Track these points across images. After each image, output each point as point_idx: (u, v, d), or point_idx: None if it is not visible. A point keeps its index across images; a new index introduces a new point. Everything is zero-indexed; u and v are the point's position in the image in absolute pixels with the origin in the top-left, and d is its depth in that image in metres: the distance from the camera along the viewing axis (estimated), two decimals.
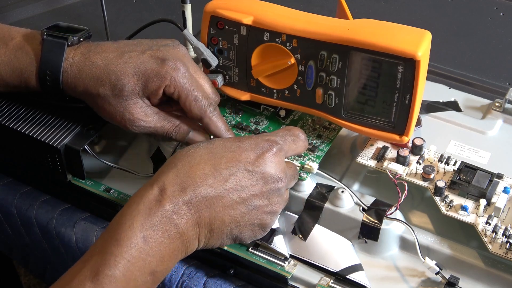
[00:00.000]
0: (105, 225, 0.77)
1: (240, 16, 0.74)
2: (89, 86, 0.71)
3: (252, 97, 0.79)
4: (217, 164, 0.64)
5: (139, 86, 0.70)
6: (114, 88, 0.70)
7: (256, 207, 0.65)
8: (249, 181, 0.64)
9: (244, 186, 0.64)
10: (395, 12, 1.05)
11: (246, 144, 0.66)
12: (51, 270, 0.90)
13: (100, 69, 0.70)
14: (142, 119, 0.71)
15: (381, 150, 0.74)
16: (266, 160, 0.65)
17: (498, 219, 0.68)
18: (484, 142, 0.79)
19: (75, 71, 0.71)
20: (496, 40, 1.00)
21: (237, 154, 0.65)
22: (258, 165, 0.65)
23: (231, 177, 0.64)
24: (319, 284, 0.68)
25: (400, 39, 0.69)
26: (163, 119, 0.72)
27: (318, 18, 0.73)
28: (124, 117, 0.71)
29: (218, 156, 0.64)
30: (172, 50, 0.72)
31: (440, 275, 0.67)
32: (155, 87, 0.70)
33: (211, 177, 0.63)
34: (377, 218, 0.70)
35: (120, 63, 0.70)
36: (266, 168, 0.65)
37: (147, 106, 0.72)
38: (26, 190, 0.82)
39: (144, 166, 0.80)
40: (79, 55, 0.71)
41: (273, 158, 0.66)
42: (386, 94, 0.71)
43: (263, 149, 0.65)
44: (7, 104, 0.77)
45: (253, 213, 0.65)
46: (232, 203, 0.64)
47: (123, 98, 0.70)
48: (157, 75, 0.70)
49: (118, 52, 0.71)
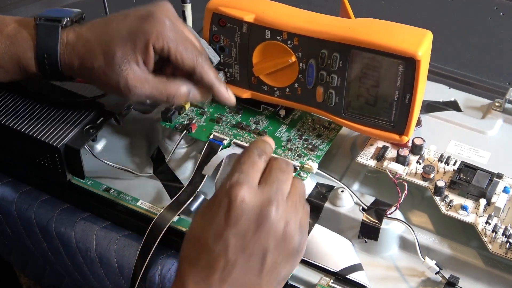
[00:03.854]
0: (105, 225, 0.77)
1: (241, 13, 0.74)
2: (83, 61, 0.70)
3: (253, 95, 0.79)
4: (208, 247, 0.58)
5: (129, 49, 0.69)
6: (106, 57, 0.69)
7: (271, 250, 0.58)
8: (243, 239, 0.57)
9: (242, 245, 0.57)
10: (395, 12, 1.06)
11: (214, 209, 0.58)
12: (50, 272, 0.89)
13: (91, 42, 0.70)
14: (137, 86, 0.70)
15: (381, 150, 0.74)
16: (238, 210, 0.57)
17: (498, 219, 0.68)
18: (484, 142, 0.79)
19: (70, 49, 0.71)
20: (496, 40, 1.00)
21: (214, 227, 0.58)
22: (235, 220, 0.57)
23: (227, 250, 0.57)
24: (319, 284, 0.68)
25: (401, 38, 0.69)
26: (160, 84, 0.71)
27: (319, 16, 0.73)
28: (120, 86, 0.70)
29: (203, 240, 0.58)
30: (156, 6, 0.71)
31: (440, 274, 0.67)
32: (143, 44, 0.69)
33: (212, 261, 0.58)
34: (377, 217, 0.70)
35: (108, 31, 0.70)
36: (245, 215, 0.57)
37: (141, 71, 0.70)
38: (25, 189, 0.82)
39: (144, 166, 0.80)
40: (72, 34, 0.71)
41: (242, 201, 0.57)
42: (386, 94, 0.71)
43: (228, 201, 0.58)
44: (7, 104, 0.77)
45: (275, 254, 0.58)
46: (244, 267, 0.58)
47: (116, 65, 0.69)
48: (143, 32, 0.69)
49: (105, 22, 0.71)
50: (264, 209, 0.58)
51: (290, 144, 0.76)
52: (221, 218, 0.58)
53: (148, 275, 0.72)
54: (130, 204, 0.75)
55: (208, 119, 0.79)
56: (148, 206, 0.75)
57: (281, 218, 0.58)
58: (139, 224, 0.74)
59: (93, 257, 0.77)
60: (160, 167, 0.78)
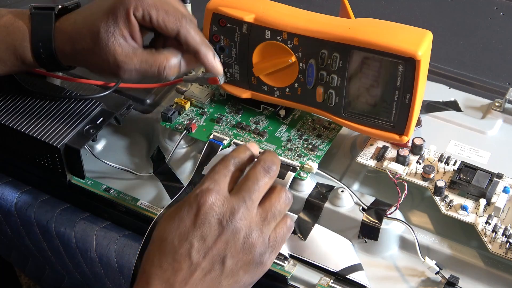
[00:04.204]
0: (105, 225, 0.77)
1: (241, 13, 0.74)
2: (75, 45, 0.70)
3: (253, 95, 0.79)
4: (173, 248, 0.60)
5: (111, 23, 0.69)
6: (92, 36, 0.69)
7: (230, 256, 0.61)
8: (205, 242, 0.60)
9: (204, 248, 0.60)
10: (395, 12, 1.05)
11: (183, 212, 0.61)
12: (50, 272, 0.90)
13: (78, 24, 0.70)
14: (126, 61, 0.70)
15: (381, 150, 0.74)
16: (204, 215, 0.60)
17: (498, 219, 0.68)
18: (484, 142, 0.79)
19: (65, 37, 0.71)
20: (496, 40, 1.00)
21: (181, 228, 0.60)
22: (201, 223, 0.60)
23: (191, 251, 0.60)
24: (319, 284, 0.68)
25: (401, 38, 0.69)
26: (149, 56, 0.71)
27: (319, 16, 0.73)
28: (110, 64, 0.70)
29: (169, 240, 0.61)
30: None
31: (440, 274, 0.67)
32: (124, 15, 0.69)
33: (176, 262, 0.60)
34: (377, 217, 0.70)
35: (92, 10, 0.70)
36: (210, 220, 0.60)
37: (128, 45, 0.70)
38: (26, 189, 0.82)
39: (144, 166, 0.80)
40: (65, 22, 0.71)
41: (210, 207, 0.60)
42: (386, 94, 0.71)
43: (197, 205, 0.61)
44: (7, 104, 0.77)
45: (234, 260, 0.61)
46: (206, 269, 0.60)
47: (103, 42, 0.69)
48: (122, 2, 0.69)
49: (90, 3, 0.71)
50: (227, 217, 0.60)
51: (290, 144, 0.76)
52: (188, 222, 0.60)
53: None
54: (130, 204, 0.75)
55: (208, 119, 0.79)
56: (148, 206, 0.75)
57: (243, 228, 0.61)
58: (139, 224, 0.74)
59: (93, 257, 0.77)
60: (160, 167, 0.78)
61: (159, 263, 0.60)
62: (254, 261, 0.61)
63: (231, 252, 0.61)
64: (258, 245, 0.61)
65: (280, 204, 0.63)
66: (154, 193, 0.77)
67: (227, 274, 0.61)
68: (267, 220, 0.62)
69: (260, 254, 0.62)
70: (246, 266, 0.61)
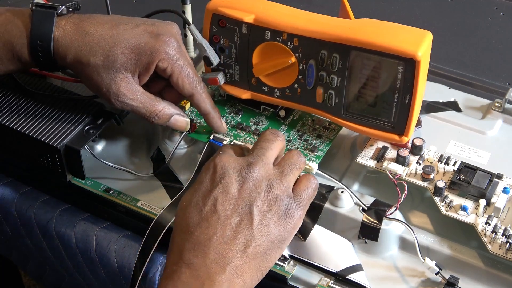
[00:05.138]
0: (105, 225, 0.77)
1: (241, 14, 0.74)
2: (80, 54, 0.70)
3: (252, 96, 0.79)
4: (198, 208, 0.62)
5: (132, 60, 0.70)
6: (106, 59, 0.70)
7: (256, 205, 0.62)
8: (228, 194, 0.62)
9: (229, 199, 0.62)
10: (395, 12, 1.05)
11: (202, 176, 0.64)
12: (51, 271, 0.90)
13: (94, 39, 0.70)
14: (127, 96, 0.71)
15: (381, 150, 0.74)
16: (223, 169, 0.63)
17: (497, 219, 0.68)
18: (484, 142, 0.79)
19: (67, 39, 0.70)
20: (496, 40, 1.00)
21: (203, 189, 0.63)
22: (221, 178, 0.62)
23: (216, 205, 0.61)
24: (319, 285, 0.68)
25: (401, 39, 0.69)
26: (148, 100, 0.72)
27: (319, 17, 0.73)
28: (110, 90, 0.70)
29: (194, 204, 0.62)
30: (166, 26, 0.72)
31: (440, 275, 0.67)
32: (148, 61, 0.70)
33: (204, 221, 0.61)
34: (377, 218, 0.70)
35: (115, 34, 0.70)
36: (229, 172, 0.62)
37: (135, 83, 0.71)
38: (26, 190, 0.82)
39: (144, 166, 0.80)
40: (70, 24, 0.71)
41: (227, 161, 0.63)
42: (386, 94, 0.71)
43: (213, 164, 0.64)
44: (7, 104, 0.77)
45: (261, 209, 0.62)
46: (234, 220, 0.61)
47: (113, 70, 0.70)
48: (151, 49, 0.70)
49: (112, 24, 0.71)
50: (245, 168, 0.63)
51: (290, 145, 0.76)
52: (207, 181, 0.63)
53: (148, 275, 0.72)
54: (130, 205, 0.76)
55: None
56: (148, 206, 0.75)
57: (263, 178, 0.63)
58: (139, 224, 0.74)
59: (93, 257, 0.77)
60: (160, 167, 0.78)
61: (188, 229, 0.61)
62: (281, 212, 0.63)
63: (256, 202, 0.62)
64: (281, 195, 0.63)
65: (292, 159, 0.66)
66: (154, 193, 0.77)
67: (257, 225, 0.61)
68: (284, 172, 0.64)
69: (286, 205, 0.63)
70: (275, 217, 0.62)
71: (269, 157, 0.65)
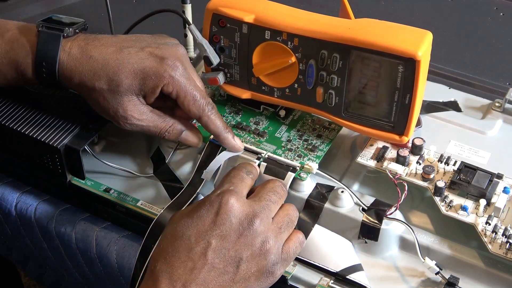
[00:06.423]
0: (105, 225, 0.77)
1: (241, 14, 0.74)
2: (85, 79, 0.70)
3: (253, 96, 0.79)
4: (189, 245, 0.62)
5: (136, 84, 0.70)
6: (110, 83, 0.70)
7: (245, 259, 0.62)
8: (224, 242, 0.62)
9: (222, 248, 0.61)
10: (395, 12, 1.06)
11: (203, 210, 0.63)
12: (51, 271, 0.90)
13: (98, 63, 0.70)
14: (135, 117, 0.71)
15: (381, 150, 0.74)
16: (226, 214, 0.62)
17: (498, 219, 0.68)
18: (484, 142, 0.79)
19: (72, 63, 0.70)
20: (496, 40, 1.00)
21: (200, 226, 0.62)
22: (221, 222, 0.62)
23: (207, 250, 0.61)
24: (319, 285, 0.68)
25: (401, 39, 0.69)
26: (157, 118, 0.72)
27: (319, 17, 0.73)
28: (118, 113, 0.71)
29: (185, 238, 0.62)
30: (171, 48, 0.72)
31: (440, 275, 0.67)
32: (153, 85, 0.70)
33: (190, 261, 0.61)
34: (377, 218, 0.70)
35: (119, 59, 0.70)
36: (231, 220, 0.62)
37: (141, 104, 0.71)
38: (26, 190, 0.82)
39: (144, 166, 0.80)
40: (76, 47, 0.71)
41: (232, 207, 0.63)
42: (386, 94, 0.71)
43: (218, 205, 0.63)
44: (7, 104, 0.77)
45: (248, 265, 0.62)
46: (220, 270, 0.61)
47: (119, 94, 0.70)
48: (156, 74, 0.70)
49: (116, 47, 0.71)
50: (248, 219, 0.62)
51: (290, 145, 0.76)
52: (207, 220, 0.62)
53: None
54: (130, 205, 0.76)
55: None
56: (148, 206, 0.75)
57: (261, 233, 0.63)
58: (139, 224, 0.74)
59: (93, 257, 0.77)
60: (160, 167, 0.78)
61: (170, 260, 0.61)
62: (267, 269, 0.63)
63: (247, 256, 0.62)
64: (273, 253, 0.63)
65: (289, 216, 0.66)
66: (154, 193, 0.77)
67: (239, 279, 0.62)
68: (281, 230, 0.65)
69: (273, 263, 0.63)
70: (258, 273, 0.63)
71: (273, 210, 0.66)
